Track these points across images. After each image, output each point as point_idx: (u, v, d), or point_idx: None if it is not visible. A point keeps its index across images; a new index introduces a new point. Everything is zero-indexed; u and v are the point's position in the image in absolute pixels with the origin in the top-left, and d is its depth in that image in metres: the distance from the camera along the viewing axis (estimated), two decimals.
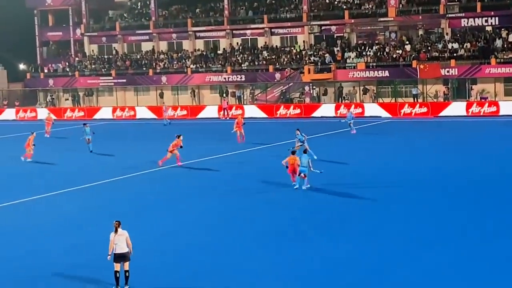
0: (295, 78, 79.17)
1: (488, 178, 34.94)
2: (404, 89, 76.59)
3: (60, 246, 25.16)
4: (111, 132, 64.98)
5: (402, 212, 28.48)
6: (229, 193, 33.56)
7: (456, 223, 26.44)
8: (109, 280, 20.57)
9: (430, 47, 77.51)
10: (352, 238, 24.72)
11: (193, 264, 22.49)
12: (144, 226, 27.22)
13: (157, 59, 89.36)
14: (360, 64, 77.81)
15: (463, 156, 42.82)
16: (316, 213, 28.85)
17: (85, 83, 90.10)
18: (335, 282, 20.33)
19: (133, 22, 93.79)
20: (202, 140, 53.74)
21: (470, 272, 20.65)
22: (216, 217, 28.85)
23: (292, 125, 52.55)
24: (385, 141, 51.15)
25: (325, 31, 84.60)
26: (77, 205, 32.26)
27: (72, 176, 39.70)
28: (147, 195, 34.10)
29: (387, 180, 35.36)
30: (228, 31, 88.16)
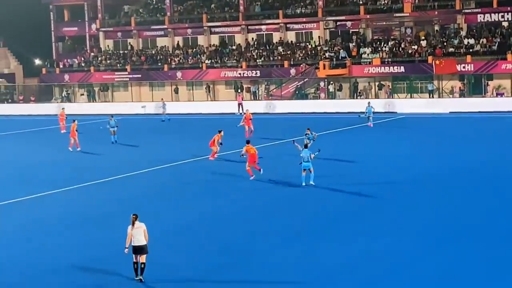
0: (310, 73, 79.03)
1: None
2: (420, 85, 76.31)
3: (80, 240, 25.36)
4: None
5: (421, 209, 28.44)
6: (239, 190, 33.63)
7: (474, 220, 26.41)
8: (126, 273, 20.91)
9: (446, 43, 77.22)
10: (367, 235, 24.71)
11: (208, 259, 22.62)
12: (159, 220, 27.36)
13: (172, 55, 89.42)
14: (376, 60, 77.61)
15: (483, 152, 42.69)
16: (330, 211, 28.83)
17: (101, 78, 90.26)
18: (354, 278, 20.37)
19: (148, 18, 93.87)
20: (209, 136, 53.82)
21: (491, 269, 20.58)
22: (232, 213, 28.92)
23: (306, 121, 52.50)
24: (404, 137, 51.08)
25: (340, 27, 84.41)
26: (100, 198, 32.69)
27: (93, 170, 40.05)
28: (164, 189, 34.35)
29: (404, 176, 35.29)
30: (243, 27, 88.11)
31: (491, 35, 75.94)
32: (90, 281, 20.89)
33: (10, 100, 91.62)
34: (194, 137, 54.30)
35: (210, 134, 43.49)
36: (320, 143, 40.08)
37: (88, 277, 21.22)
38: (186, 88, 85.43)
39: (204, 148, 43.38)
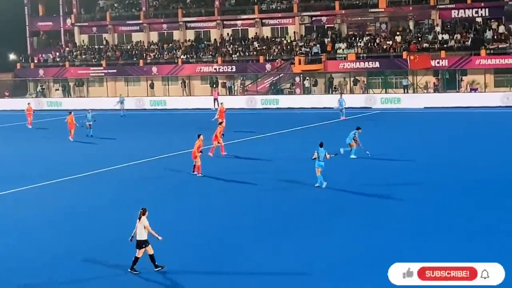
0: (285, 69, 79.21)
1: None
2: (395, 80, 76.70)
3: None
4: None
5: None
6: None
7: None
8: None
9: (420, 38, 77.62)
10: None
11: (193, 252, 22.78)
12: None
13: (148, 50, 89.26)
14: (351, 55, 77.87)
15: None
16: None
17: (76, 73, 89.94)
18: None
19: (124, 13, 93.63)
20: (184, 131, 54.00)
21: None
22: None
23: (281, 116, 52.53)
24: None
25: (315, 22, 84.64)
26: (77, 193, 32.47)
27: (67, 165, 39.92)
28: (143, 184, 34.31)
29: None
30: (219, 22, 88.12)
31: (465, 31, 76.38)
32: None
33: None
34: (171, 131, 54.39)
35: (184, 129, 43.40)
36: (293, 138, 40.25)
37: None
38: (162, 83, 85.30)
39: (181, 142, 43.45)
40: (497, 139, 45.58)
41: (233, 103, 70.74)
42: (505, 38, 73.62)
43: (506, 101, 65.25)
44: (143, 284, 20.36)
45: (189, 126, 56.40)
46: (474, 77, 73.34)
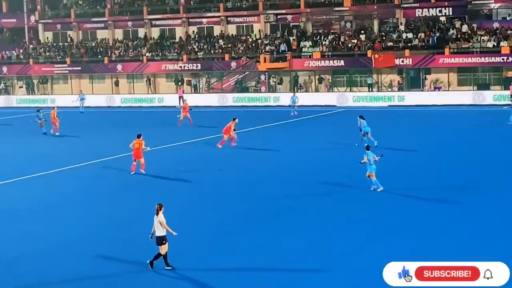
0: (250, 67, 79.23)
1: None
2: (359, 78, 77.00)
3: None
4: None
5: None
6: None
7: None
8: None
9: (385, 37, 78.03)
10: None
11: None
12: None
13: (113, 47, 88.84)
14: (316, 54, 78.06)
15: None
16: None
17: (40, 70, 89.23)
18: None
19: (89, 10, 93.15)
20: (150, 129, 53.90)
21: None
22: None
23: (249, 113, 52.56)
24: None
25: (281, 20, 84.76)
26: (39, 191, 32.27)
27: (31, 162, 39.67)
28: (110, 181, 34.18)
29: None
30: (184, 19, 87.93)
31: (429, 30, 76.90)
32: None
33: None
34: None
35: (149, 127, 43.25)
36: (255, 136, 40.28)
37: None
38: (127, 81, 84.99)
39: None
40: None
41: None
42: (468, 37, 74.19)
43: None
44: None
45: (146, 123, 57.14)
46: (438, 75, 73.87)
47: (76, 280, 20.41)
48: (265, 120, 57.41)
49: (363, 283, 19.18)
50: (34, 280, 20.52)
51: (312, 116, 61.08)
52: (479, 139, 45.46)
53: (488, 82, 72.56)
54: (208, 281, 20.00)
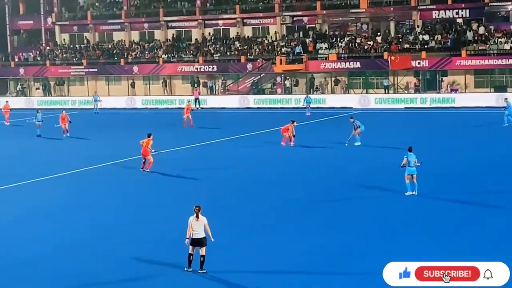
0: (266, 68, 79.21)
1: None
2: (375, 80, 76.86)
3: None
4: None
5: None
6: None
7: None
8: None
9: (401, 39, 77.83)
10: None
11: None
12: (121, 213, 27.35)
13: (129, 49, 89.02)
14: (332, 55, 77.92)
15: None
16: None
17: (56, 72, 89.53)
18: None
19: (105, 12, 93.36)
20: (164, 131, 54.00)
21: None
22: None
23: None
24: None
25: (297, 22, 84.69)
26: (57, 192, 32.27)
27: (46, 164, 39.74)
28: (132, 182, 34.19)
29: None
30: (200, 21, 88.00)
31: (446, 32, 76.64)
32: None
33: None
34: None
35: (162, 128, 43.24)
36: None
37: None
38: (143, 82, 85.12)
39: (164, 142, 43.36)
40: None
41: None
42: (485, 39, 73.92)
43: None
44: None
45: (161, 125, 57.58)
46: (454, 77, 73.61)
47: (96, 284, 20.27)
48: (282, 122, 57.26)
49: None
50: (53, 283, 20.43)
51: (329, 117, 61.01)
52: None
53: (505, 84, 72.26)
54: (237, 283, 19.87)
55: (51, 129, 53.57)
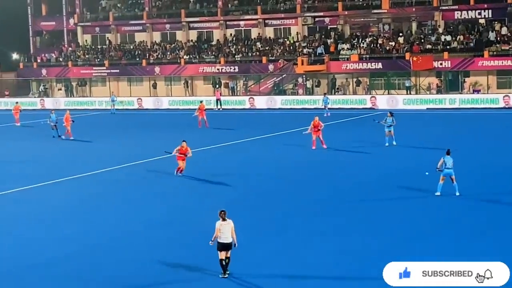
0: (288, 69, 79.19)
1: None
2: (397, 81, 76.64)
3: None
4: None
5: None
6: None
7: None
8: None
9: (423, 39, 77.57)
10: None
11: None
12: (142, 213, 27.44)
13: (151, 50, 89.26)
14: (353, 56, 77.80)
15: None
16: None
17: (78, 73, 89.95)
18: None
19: (127, 13, 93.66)
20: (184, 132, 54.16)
21: None
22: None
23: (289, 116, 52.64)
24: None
25: (318, 23, 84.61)
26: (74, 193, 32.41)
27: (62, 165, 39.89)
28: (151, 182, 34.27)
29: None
30: (222, 22, 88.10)
31: (468, 32, 76.33)
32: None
33: None
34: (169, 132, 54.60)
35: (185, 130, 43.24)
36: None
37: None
38: (164, 83, 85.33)
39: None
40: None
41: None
42: (508, 40, 73.57)
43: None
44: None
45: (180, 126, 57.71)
46: (476, 78, 73.29)
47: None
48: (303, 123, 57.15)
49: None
50: (73, 284, 20.46)
51: (350, 118, 60.92)
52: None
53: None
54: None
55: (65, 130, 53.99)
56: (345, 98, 72.09)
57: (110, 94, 76.92)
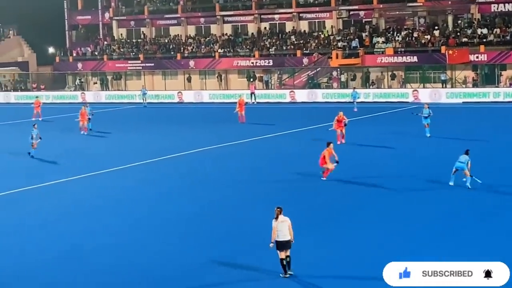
0: (322, 63, 78.97)
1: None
2: (433, 74, 76.11)
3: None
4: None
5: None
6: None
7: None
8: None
9: (459, 33, 76.94)
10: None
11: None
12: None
13: (185, 44, 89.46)
14: (389, 49, 77.38)
15: None
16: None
17: (114, 67, 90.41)
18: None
19: (162, 6, 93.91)
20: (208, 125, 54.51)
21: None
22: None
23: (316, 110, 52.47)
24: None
25: (353, 16, 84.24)
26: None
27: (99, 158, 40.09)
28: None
29: None
30: (256, 16, 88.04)
31: (505, 25, 75.59)
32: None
33: (23, 88, 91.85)
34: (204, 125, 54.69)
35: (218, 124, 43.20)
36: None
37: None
38: (199, 77, 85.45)
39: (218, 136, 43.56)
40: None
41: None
42: None
43: None
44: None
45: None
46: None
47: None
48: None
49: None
50: (111, 276, 20.41)
51: (385, 112, 60.59)
52: None
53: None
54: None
55: (99, 123, 54.25)
56: (386, 92, 71.50)
57: (142, 88, 76.77)
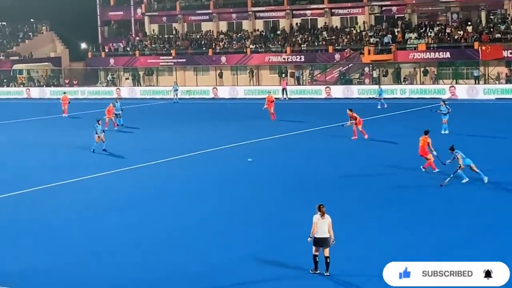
0: (354, 59, 78.74)
1: None
2: (466, 70, 75.59)
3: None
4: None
5: None
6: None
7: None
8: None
9: (492, 29, 76.39)
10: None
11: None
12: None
13: (217, 39, 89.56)
14: (421, 45, 77.01)
15: None
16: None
17: (145, 62, 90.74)
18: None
19: (193, 2, 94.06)
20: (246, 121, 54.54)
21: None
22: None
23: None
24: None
25: (385, 12, 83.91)
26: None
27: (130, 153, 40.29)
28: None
29: None
30: (288, 11, 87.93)
31: None
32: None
33: (56, 83, 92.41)
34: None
35: (249, 118, 43.22)
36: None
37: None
38: (231, 72, 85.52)
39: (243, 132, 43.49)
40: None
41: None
42: None
43: None
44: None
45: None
46: None
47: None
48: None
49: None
50: (143, 272, 20.43)
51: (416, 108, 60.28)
52: None
53: None
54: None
55: (130, 119, 54.51)
56: (423, 88, 70.92)
57: (173, 84, 76.70)
